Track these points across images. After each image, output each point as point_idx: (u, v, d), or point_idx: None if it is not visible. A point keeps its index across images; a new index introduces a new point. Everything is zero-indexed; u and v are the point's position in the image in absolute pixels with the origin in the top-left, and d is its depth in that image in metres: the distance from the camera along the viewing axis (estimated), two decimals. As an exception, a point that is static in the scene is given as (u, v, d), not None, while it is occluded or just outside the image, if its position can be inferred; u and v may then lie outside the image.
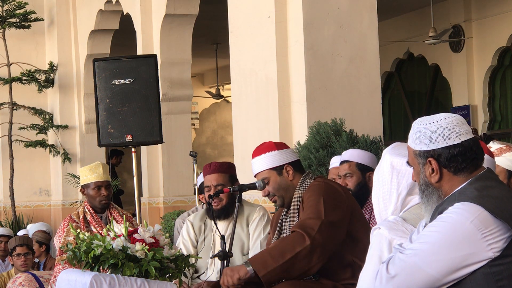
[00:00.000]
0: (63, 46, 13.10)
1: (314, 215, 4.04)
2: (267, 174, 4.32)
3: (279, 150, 4.34)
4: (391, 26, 15.23)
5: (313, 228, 3.98)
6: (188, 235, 5.29)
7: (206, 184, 5.16)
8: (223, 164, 5.19)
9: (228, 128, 19.76)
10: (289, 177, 4.31)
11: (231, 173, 5.17)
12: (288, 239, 4.02)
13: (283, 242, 4.05)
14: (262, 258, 3.98)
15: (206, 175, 5.16)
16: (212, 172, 5.12)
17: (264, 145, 4.41)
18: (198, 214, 5.38)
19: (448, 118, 2.75)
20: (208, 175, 5.14)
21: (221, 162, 5.23)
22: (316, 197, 4.11)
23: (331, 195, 4.14)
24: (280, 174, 4.31)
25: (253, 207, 5.23)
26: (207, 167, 5.16)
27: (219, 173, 5.11)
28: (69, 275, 4.52)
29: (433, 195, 2.78)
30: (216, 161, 5.26)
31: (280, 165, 4.31)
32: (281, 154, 4.33)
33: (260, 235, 5.09)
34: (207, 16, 12.17)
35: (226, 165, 5.21)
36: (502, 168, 4.44)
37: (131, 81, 6.99)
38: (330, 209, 4.06)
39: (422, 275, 2.62)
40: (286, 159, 4.34)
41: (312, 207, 4.09)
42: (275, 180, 4.31)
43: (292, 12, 7.06)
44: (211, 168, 5.14)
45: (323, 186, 4.18)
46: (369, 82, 7.21)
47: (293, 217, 4.28)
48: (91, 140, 12.06)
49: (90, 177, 5.73)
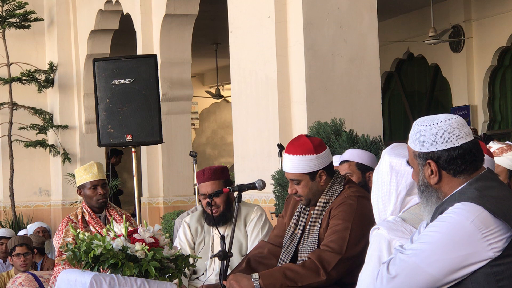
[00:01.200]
0: (63, 46, 13.10)
1: (336, 246, 3.98)
2: (300, 177, 4.17)
3: (317, 154, 4.15)
4: (391, 26, 15.23)
5: (330, 264, 3.95)
6: (185, 236, 5.24)
7: (201, 192, 5.08)
8: (217, 170, 5.08)
9: (228, 128, 19.76)
10: (321, 182, 4.19)
11: (225, 178, 5.08)
12: (303, 269, 3.98)
13: (297, 268, 4.01)
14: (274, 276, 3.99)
15: (201, 183, 5.06)
16: (206, 180, 5.03)
17: (301, 142, 4.19)
18: (194, 215, 5.31)
19: (449, 120, 2.75)
20: (202, 183, 5.05)
21: (214, 168, 5.11)
22: (344, 222, 4.02)
23: (361, 221, 4.02)
24: (313, 179, 4.17)
25: (251, 207, 5.18)
26: (201, 175, 5.07)
27: (213, 180, 5.01)
28: (69, 275, 4.52)
29: (432, 196, 2.78)
30: (210, 167, 5.15)
31: (315, 170, 4.16)
32: (318, 160, 4.16)
33: (258, 235, 5.06)
34: (207, 16, 12.17)
35: (220, 170, 5.09)
36: (503, 168, 4.43)
37: (131, 81, 6.99)
38: (355, 241, 3.99)
39: (422, 275, 2.62)
40: (322, 164, 4.17)
41: (338, 233, 4.02)
42: (307, 184, 4.18)
43: (292, 12, 7.06)
44: (204, 176, 5.04)
45: (355, 208, 4.06)
46: (369, 82, 7.21)
47: (315, 220, 4.21)
48: (91, 140, 12.07)
49: (85, 177, 5.72)
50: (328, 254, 3.98)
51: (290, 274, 3.98)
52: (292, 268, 4.03)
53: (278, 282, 3.96)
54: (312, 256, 4.02)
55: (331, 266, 3.95)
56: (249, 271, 4.31)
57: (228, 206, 5.05)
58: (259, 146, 7.39)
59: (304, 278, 3.96)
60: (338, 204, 4.12)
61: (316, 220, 4.20)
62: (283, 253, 4.31)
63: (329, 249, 4.00)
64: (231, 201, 5.08)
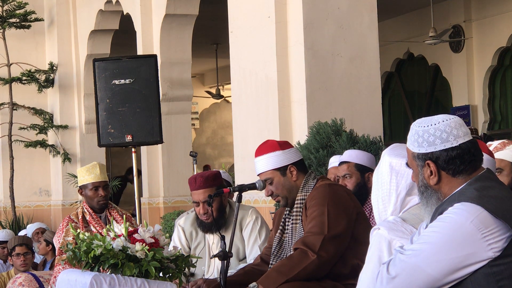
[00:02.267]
0: (63, 46, 13.10)
1: (317, 229, 4.03)
2: (270, 175, 4.28)
3: (283, 150, 4.29)
4: (391, 26, 15.23)
5: (315, 245, 3.99)
6: (179, 241, 5.17)
7: (194, 200, 4.99)
8: (209, 178, 4.96)
9: (228, 128, 19.75)
10: (293, 178, 4.28)
11: (217, 184, 4.97)
12: (293, 258, 4.02)
13: (288, 260, 4.05)
14: (270, 276, 4.01)
15: (193, 191, 4.97)
16: (198, 188, 4.93)
17: (267, 144, 4.35)
18: (188, 219, 5.23)
19: (447, 120, 2.75)
20: (194, 191, 4.96)
21: (206, 176, 4.99)
22: (319, 208, 4.08)
23: (336, 202, 4.10)
24: (284, 174, 4.27)
25: (245, 210, 5.12)
26: (193, 182, 4.96)
27: (205, 188, 4.91)
28: (69, 275, 4.52)
29: (432, 197, 2.78)
30: (202, 174, 5.03)
31: (284, 165, 4.27)
32: (285, 154, 4.29)
33: (257, 240, 5.03)
34: (207, 16, 12.17)
35: (211, 177, 4.98)
36: (507, 162, 4.42)
37: (131, 81, 6.99)
38: (334, 220, 4.04)
39: (422, 276, 2.62)
40: (290, 159, 4.29)
41: (316, 218, 4.07)
42: (279, 180, 4.27)
43: (292, 12, 7.06)
44: (196, 184, 4.94)
45: (328, 193, 4.14)
46: (369, 82, 7.21)
47: (296, 219, 4.26)
48: (91, 140, 12.07)
49: (87, 178, 5.73)
50: (311, 237, 4.03)
51: (283, 269, 4.01)
52: (282, 263, 4.07)
53: (275, 281, 3.97)
54: (296, 245, 4.07)
55: (317, 246, 3.99)
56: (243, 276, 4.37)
57: (221, 212, 5.00)
58: (259, 146, 7.38)
59: (296, 265, 3.98)
60: (311, 195, 4.19)
61: (297, 218, 4.26)
62: (273, 258, 4.35)
63: (310, 233, 4.05)
64: (224, 207, 5.04)
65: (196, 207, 5.01)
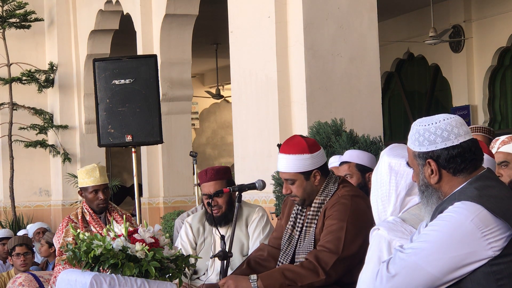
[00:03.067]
0: (63, 46, 13.11)
1: (332, 246, 3.99)
2: (294, 177, 4.17)
3: (312, 154, 4.16)
4: (391, 26, 15.23)
5: (327, 264, 3.96)
6: (186, 237, 5.24)
7: (204, 192, 5.06)
8: (219, 171, 5.06)
9: (228, 128, 19.76)
10: (315, 182, 4.18)
11: (227, 178, 5.07)
12: (303, 268, 3.99)
13: (296, 268, 4.01)
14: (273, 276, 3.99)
15: (203, 183, 5.04)
16: (209, 180, 5.01)
17: (296, 142, 4.19)
18: (196, 216, 5.31)
19: (447, 119, 2.75)
20: (205, 183, 5.03)
21: (217, 169, 5.10)
22: (339, 222, 4.02)
23: (356, 219, 4.03)
24: (308, 179, 4.16)
25: (252, 208, 5.17)
26: (204, 175, 5.05)
27: (216, 180, 4.99)
28: (69, 275, 4.52)
29: (433, 196, 2.78)
30: (212, 167, 5.15)
31: (309, 170, 4.16)
32: (312, 159, 4.16)
33: (260, 236, 5.06)
34: (207, 16, 12.17)
35: (222, 171, 5.08)
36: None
37: (131, 81, 6.99)
38: (350, 240, 3.99)
39: (422, 274, 2.62)
40: (316, 164, 4.17)
41: (333, 233, 4.02)
42: (301, 184, 4.17)
43: (292, 12, 7.06)
44: (207, 176, 5.03)
45: (349, 207, 4.06)
46: (369, 82, 7.22)
47: (311, 221, 4.21)
48: (91, 140, 12.08)
49: (87, 181, 5.71)
50: (325, 254, 3.99)
51: (289, 274, 3.99)
52: (290, 269, 4.03)
53: (277, 283, 3.97)
54: (309, 256, 4.02)
55: (329, 266, 3.96)
56: (249, 271, 4.32)
57: (230, 206, 5.04)
58: (259, 146, 7.39)
59: (304, 278, 3.97)
60: (333, 204, 4.12)
61: (312, 221, 4.21)
62: (282, 255, 4.31)
63: (325, 250, 4.01)
64: (234, 201, 5.07)
65: (206, 199, 5.07)
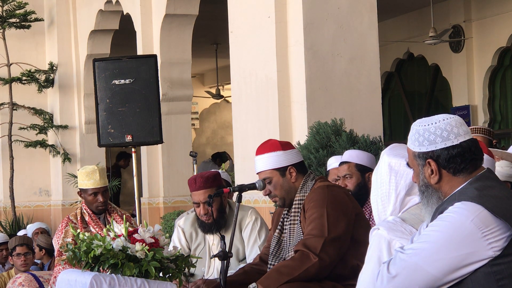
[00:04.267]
0: (63, 46, 13.10)
1: (317, 232, 4.04)
2: (269, 174, 4.29)
3: (284, 150, 4.30)
4: (391, 26, 15.23)
5: (316, 247, 4.00)
6: (179, 242, 5.18)
7: (194, 201, 5.01)
8: (208, 178, 4.99)
9: (228, 128, 19.75)
10: (292, 179, 4.29)
11: (217, 185, 5.00)
12: (294, 259, 4.03)
13: (289, 262, 4.05)
14: (270, 277, 4.02)
15: (193, 191, 5.00)
16: (198, 188, 4.96)
17: (269, 143, 4.36)
18: (188, 219, 5.24)
19: (447, 119, 2.76)
20: (195, 192, 4.98)
21: (206, 176, 5.02)
22: (318, 210, 4.09)
23: (335, 204, 4.11)
24: (283, 175, 4.28)
25: (245, 211, 5.13)
26: (193, 183, 4.99)
27: (205, 189, 4.94)
28: (69, 275, 4.52)
29: (433, 196, 2.78)
30: (201, 175, 5.06)
31: (284, 166, 4.28)
32: (286, 155, 4.29)
33: (256, 241, 5.03)
34: (207, 16, 12.17)
35: (211, 178, 5.01)
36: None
37: (131, 81, 6.99)
38: (334, 222, 4.05)
39: (423, 275, 2.62)
40: (290, 160, 4.30)
41: (315, 221, 4.08)
42: (278, 181, 4.29)
43: (292, 12, 7.06)
44: (196, 184, 4.97)
45: (326, 195, 4.14)
46: (369, 82, 7.21)
47: (294, 219, 4.27)
48: (91, 140, 12.07)
49: (87, 183, 5.70)
50: (311, 239, 4.04)
51: (284, 269, 4.02)
52: (284, 264, 4.08)
53: (276, 281, 3.98)
54: (298, 247, 4.07)
55: (318, 249, 4.00)
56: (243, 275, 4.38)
57: (221, 213, 5.01)
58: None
59: (298, 267, 3.99)
60: (310, 197, 4.20)
61: (295, 219, 4.26)
62: (272, 258, 4.36)
63: (311, 236, 4.06)
64: (224, 207, 5.05)
65: (197, 207, 5.02)
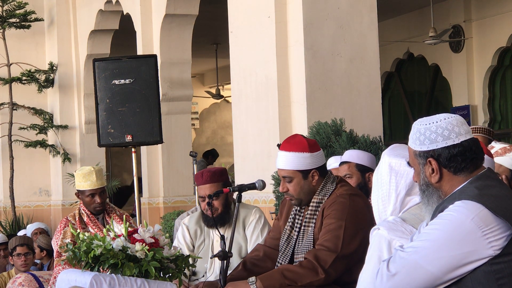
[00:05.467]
0: (63, 46, 13.10)
1: (331, 245, 3.99)
2: (292, 174, 4.18)
3: (311, 153, 4.16)
4: (391, 26, 15.23)
5: (327, 262, 3.96)
6: (183, 239, 5.19)
7: (200, 195, 5.04)
8: (215, 173, 5.03)
9: (228, 128, 19.75)
10: (313, 182, 4.18)
11: (224, 180, 5.04)
12: (302, 267, 3.99)
13: (295, 268, 4.02)
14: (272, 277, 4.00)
15: (199, 185, 5.03)
16: (204, 182, 4.98)
17: (297, 140, 4.20)
18: (193, 217, 5.27)
19: (448, 118, 2.76)
20: (201, 186, 5.01)
21: (213, 171, 5.07)
22: (337, 221, 4.03)
23: (354, 218, 4.04)
24: (306, 178, 4.17)
25: (249, 209, 5.15)
26: (199, 177, 5.02)
27: (212, 183, 4.96)
28: (69, 275, 4.52)
29: (434, 195, 2.79)
30: (209, 169, 5.11)
31: (308, 169, 4.16)
32: (312, 158, 4.16)
33: (258, 238, 5.03)
34: (207, 16, 12.17)
35: (218, 173, 5.05)
36: (505, 168, 4.41)
37: (131, 81, 6.99)
38: (349, 238, 4.00)
39: (422, 273, 2.62)
40: (315, 164, 4.17)
41: (332, 232, 4.02)
42: (298, 182, 4.18)
43: (292, 12, 7.06)
44: (203, 178, 5.00)
45: (348, 206, 4.06)
46: (369, 82, 7.22)
47: (309, 221, 4.20)
48: (91, 140, 12.07)
49: (83, 184, 5.69)
50: (323, 253, 3.99)
51: (289, 274, 3.99)
52: (290, 269, 4.04)
53: (277, 283, 3.97)
54: (308, 255, 4.02)
55: (328, 264, 3.96)
56: (245, 272, 4.32)
57: (226, 208, 5.02)
58: (259, 146, 7.39)
59: (303, 277, 3.97)
60: (331, 203, 4.12)
61: (310, 221, 4.20)
62: (281, 256, 4.31)
63: (324, 248, 4.01)
64: (230, 203, 5.06)
65: (202, 201, 5.05)
